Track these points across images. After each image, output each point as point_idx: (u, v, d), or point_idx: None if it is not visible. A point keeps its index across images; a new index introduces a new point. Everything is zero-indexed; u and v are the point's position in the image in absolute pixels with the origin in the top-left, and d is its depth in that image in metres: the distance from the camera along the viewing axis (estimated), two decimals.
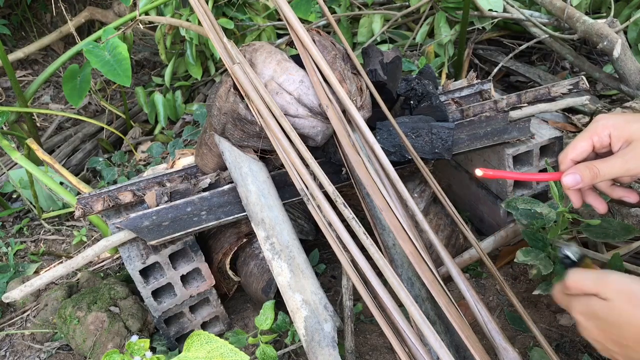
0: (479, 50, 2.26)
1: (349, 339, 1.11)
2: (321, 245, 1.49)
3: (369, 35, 2.17)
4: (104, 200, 1.16)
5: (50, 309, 1.39)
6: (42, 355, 1.34)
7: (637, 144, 0.63)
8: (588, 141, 0.67)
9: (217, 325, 1.33)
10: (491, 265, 1.03)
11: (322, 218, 1.02)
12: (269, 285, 1.27)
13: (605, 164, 0.65)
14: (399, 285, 0.93)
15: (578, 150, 0.68)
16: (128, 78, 1.67)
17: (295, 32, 1.13)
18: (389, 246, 1.09)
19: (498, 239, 1.35)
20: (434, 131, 1.16)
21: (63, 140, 2.39)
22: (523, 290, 1.31)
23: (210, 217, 1.17)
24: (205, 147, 1.23)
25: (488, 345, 1.00)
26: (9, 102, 2.68)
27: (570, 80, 1.33)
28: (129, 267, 1.17)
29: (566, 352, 1.13)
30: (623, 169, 0.64)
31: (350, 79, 1.14)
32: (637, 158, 0.63)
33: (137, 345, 0.90)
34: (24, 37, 3.09)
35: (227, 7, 2.17)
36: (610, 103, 1.95)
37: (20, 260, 1.76)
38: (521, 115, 1.30)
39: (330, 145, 1.17)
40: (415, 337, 0.91)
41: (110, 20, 2.77)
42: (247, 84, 1.07)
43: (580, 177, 0.66)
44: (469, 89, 1.41)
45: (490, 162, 1.38)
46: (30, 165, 1.57)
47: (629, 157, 0.64)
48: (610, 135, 0.65)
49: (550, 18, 1.94)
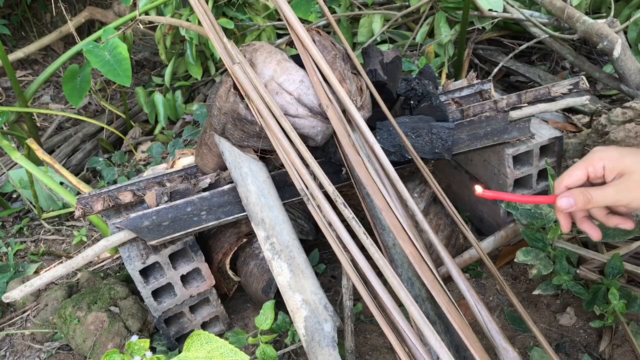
0: (479, 50, 2.26)
1: (349, 339, 1.11)
2: (321, 245, 1.49)
3: (369, 35, 2.17)
4: (104, 200, 1.16)
5: (50, 309, 1.39)
6: (42, 355, 1.34)
7: (629, 177, 0.68)
8: (583, 170, 0.71)
9: (217, 325, 1.33)
10: (491, 265, 1.03)
11: (322, 218, 1.02)
12: (269, 285, 1.27)
13: (599, 191, 0.69)
14: (399, 285, 0.93)
15: (573, 178, 0.72)
16: (128, 78, 1.67)
17: (295, 32, 1.13)
18: (389, 246, 1.09)
19: (498, 239, 1.35)
20: (434, 131, 1.16)
21: (63, 140, 2.39)
22: (523, 290, 1.31)
23: (210, 217, 1.17)
24: (205, 147, 1.23)
25: (488, 345, 1.00)
26: (9, 102, 2.68)
27: (570, 80, 1.33)
28: (129, 267, 1.17)
29: (566, 352, 1.13)
30: (615, 198, 0.69)
31: (350, 79, 1.14)
32: (629, 189, 0.68)
33: (137, 345, 0.90)
34: (24, 37, 3.09)
35: (227, 7, 2.17)
36: (610, 103, 1.95)
37: (20, 260, 1.76)
38: (521, 115, 1.30)
39: (330, 145, 1.17)
40: (415, 337, 0.91)
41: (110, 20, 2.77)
42: (247, 84, 1.07)
43: (574, 201, 0.70)
44: (469, 89, 1.41)
45: (490, 162, 1.38)
46: (30, 165, 1.57)
47: (621, 187, 0.68)
48: (604, 167, 0.70)
49: (550, 18, 1.94)
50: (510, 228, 1.35)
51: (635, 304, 1.08)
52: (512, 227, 1.35)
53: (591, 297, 1.13)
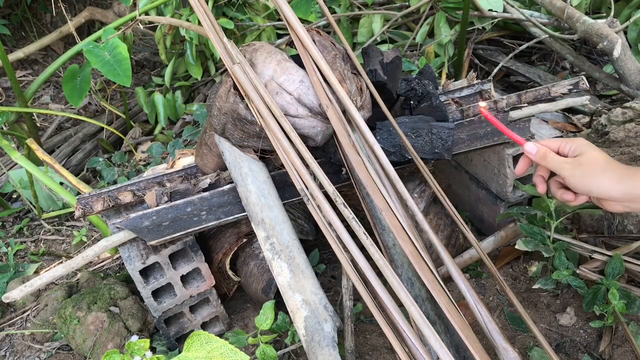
0: (479, 50, 2.26)
1: (349, 339, 1.11)
2: (321, 245, 1.49)
3: (369, 35, 2.17)
4: (104, 200, 1.16)
5: (50, 309, 1.39)
6: (42, 355, 1.34)
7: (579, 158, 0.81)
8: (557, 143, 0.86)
9: (217, 325, 1.33)
10: (491, 265, 1.03)
11: (322, 218, 1.02)
12: (269, 285, 1.27)
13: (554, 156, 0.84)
14: (399, 285, 0.93)
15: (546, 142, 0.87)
16: (128, 78, 1.67)
17: (295, 32, 1.13)
18: (389, 246, 1.09)
19: (498, 239, 1.35)
20: (434, 131, 1.16)
21: (63, 140, 2.39)
22: (523, 290, 1.31)
23: (210, 217, 1.17)
24: (205, 147, 1.23)
25: (488, 345, 1.00)
26: (9, 102, 2.68)
27: (570, 80, 1.33)
28: (129, 267, 1.17)
29: (566, 352, 1.13)
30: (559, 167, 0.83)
31: (350, 79, 1.14)
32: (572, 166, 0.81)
33: (137, 345, 0.90)
34: (24, 37, 3.09)
35: (227, 7, 2.17)
36: (610, 103, 1.95)
37: (20, 260, 1.76)
38: (521, 115, 1.30)
39: (330, 145, 1.17)
40: (415, 337, 0.91)
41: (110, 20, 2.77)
42: (247, 84, 1.07)
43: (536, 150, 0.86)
44: (469, 89, 1.41)
45: (490, 162, 1.38)
46: (30, 165, 1.57)
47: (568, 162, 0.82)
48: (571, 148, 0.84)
49: (550, 18, 1.94)
50: (510, 228, 1.35)
51: (635, 304, 1.08)
52: (512, 227, 1.35)
53: (591, 297, 1.13)
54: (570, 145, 0.84)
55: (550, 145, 0.86)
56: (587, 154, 0.81)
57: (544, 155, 0.85)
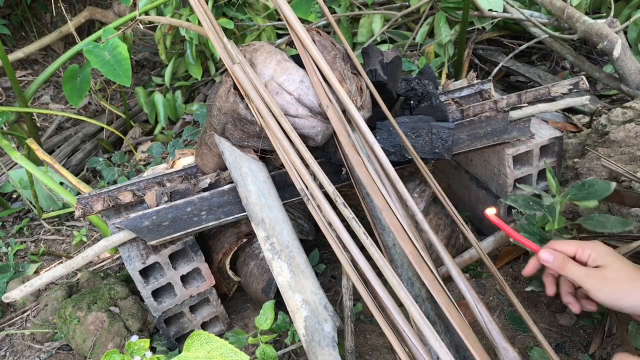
0: (479, 50, 2.26)
1: (349, 339, 1.11)
2: (321, 245, 1.49)
3: (369, 35, 2.17)
4: (104, 200, 1.16)
5: (50, 309, 1.39)
6: (42, 355, 1.34)
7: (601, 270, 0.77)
8: (574, 247, 0.82)
9: (217, 325, 1.33)
10: (491, 265, 1.03)
11: (322, 218, 1.02)
12: (269, 285, 1.27)
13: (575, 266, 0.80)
14: (399, 285, 0.93)
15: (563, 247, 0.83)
16: (128, 78, 1.67)
17: (295, 32, 1.13)
18: (389, 246, 1.09)
19: (498, 239, 1.35)
20: (434, 131, 1.16)
21: (63, 140, 2.39)
22: (523, 290, 1.31)
23: (210, 217, 1.17)
24: (205, 147, 1.23)
25: (488, 345, 1.00)
26: (9, 102, 2.68)
27: (570, 80, 1.34)
28: (129, 267, 1.17)
29: (566, 352, 1.13)
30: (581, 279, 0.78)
31: (350, 79, 1.14)
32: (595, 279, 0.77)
33: (137, 345, 0.90)
34: (24, 37, 3.09)
35: (227, 7, 2.17)
36: (610, 103, 1.95)
37: (20, 260, 1.76)
38: (521, 115, 1.30)
39: (330, 145, 1.17)
40: (415, 337, 0.91)
41: (110, 20, 2.77)
42: (247, 84, 1.07)
43: (553, 259, 0.82)
44: (469, 89, 1.41)
45: (490, 162, 1.38)
46: (30, 165, 1.57)
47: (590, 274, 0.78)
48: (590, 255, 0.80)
49: (550, 18, 1.94)
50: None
51: None
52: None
53: None
54: (589, 252, 0.80)
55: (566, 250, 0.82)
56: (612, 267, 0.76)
57: (563, 265, 0.80)
